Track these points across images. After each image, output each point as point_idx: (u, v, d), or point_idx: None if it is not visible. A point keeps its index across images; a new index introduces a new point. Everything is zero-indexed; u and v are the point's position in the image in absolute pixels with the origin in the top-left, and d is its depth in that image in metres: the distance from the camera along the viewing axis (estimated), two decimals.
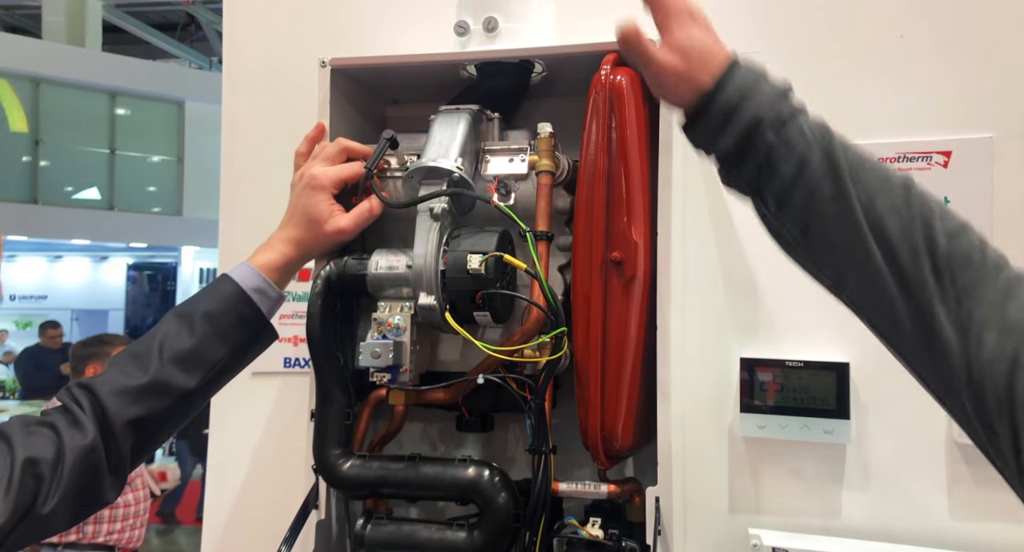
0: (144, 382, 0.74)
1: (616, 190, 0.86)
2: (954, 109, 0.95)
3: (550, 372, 0.85)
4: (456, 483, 0.85)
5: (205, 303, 0.82)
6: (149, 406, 0.74)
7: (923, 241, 0.56)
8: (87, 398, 0.72)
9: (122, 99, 8.96)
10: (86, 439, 0.69)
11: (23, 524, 0.64)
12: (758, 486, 0.98)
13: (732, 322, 1.01)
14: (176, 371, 0.76)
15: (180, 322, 0.79)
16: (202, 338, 0.79)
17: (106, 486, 0.72)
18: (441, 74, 0.98)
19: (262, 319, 0.84)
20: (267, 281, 0.85)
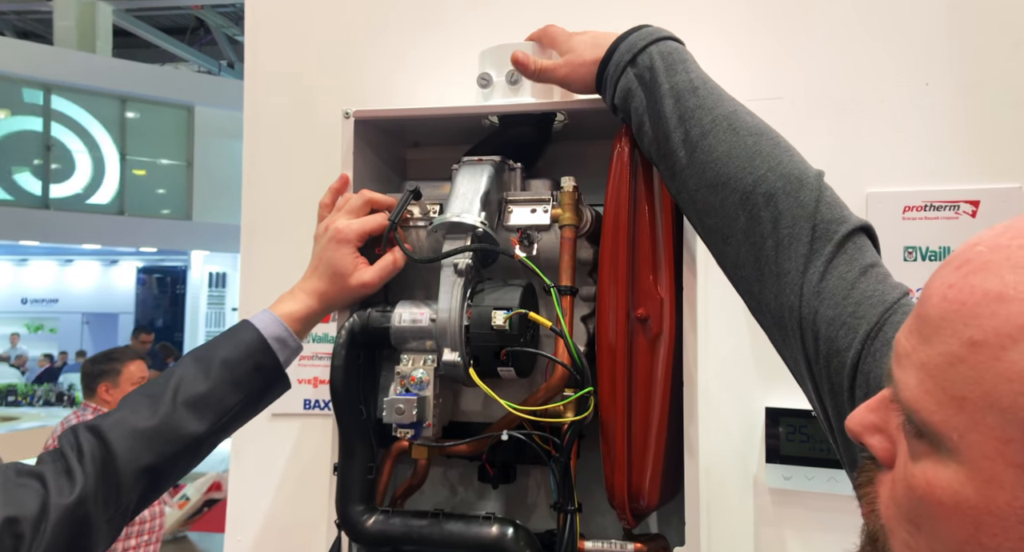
0: (154, 424, 0.74)
1: (641, 245, 0.85)
2: (981, 158, 0.93)
3: (575, 432, 0.84)
4: (479, 542, 0.84)
5: (224, 349, 0.82)
6: (160, 452, 0.74)
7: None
8: (91, 443, 0.71)
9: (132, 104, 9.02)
10: (73, 493, 0.68)
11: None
12: (784, 538, 0.97)
13: (756, 371, 1.00)
14: (188, 415, 0.76)
15: (197, 366, 0.80)
16: (217, 383, 0.79)
17: (97, 540, 0.71)
18: (464, 122, 0.97)
19: (279, 369, 0.85)
20: (288, 330, 0.85)
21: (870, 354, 0.53)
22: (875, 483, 0.42)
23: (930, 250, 0.94)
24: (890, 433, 0.40)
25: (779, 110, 1.01)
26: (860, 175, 0.97)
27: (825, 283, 0.57)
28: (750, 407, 0.99)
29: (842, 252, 0.58)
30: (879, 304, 0.54)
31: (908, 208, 0.95)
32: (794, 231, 0.59)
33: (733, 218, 0.64)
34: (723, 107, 0.70)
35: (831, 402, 0.56)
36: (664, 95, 0.72)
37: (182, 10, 10.04)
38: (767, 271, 0.61)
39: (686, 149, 0.69)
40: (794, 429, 0.95)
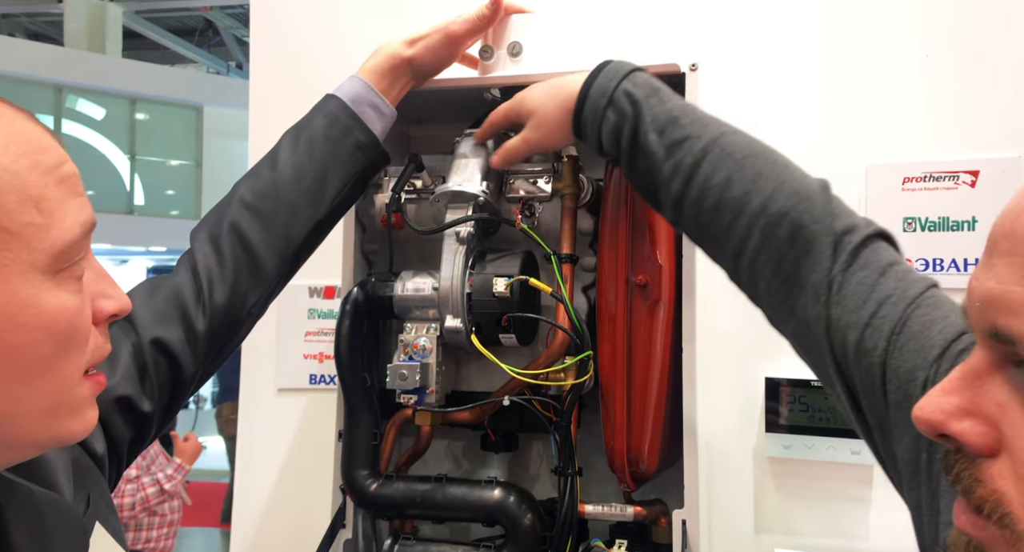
0: (283, 214, 0.75)
1: (640, 212, 0.86)
2: (981, 128, 0.94)
3: (576, 395, 0.85)
4: (482, 505, 0.85)
5: (320, 128, 0.79)
6: (289, 240, 0.75)
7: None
8: (233, 244, 0.72)
9: (142, 104, 9.09)
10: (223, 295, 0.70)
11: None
12: (784, 507, 0.98)
13: (757, 341, 1.01)
14: (306, 202, 0.76)
15: (299, 148, 0.77)
16: (322, 167, 0.77)
17: (243, 333, 0.75)
18: (465, 96, 0.99)
19: (377, 145, 0.81)
20: (379, 96, 0.81)
21: (896, 349, 0.52)
22: (981, 480, 0.34)
23: (929, 221, 0.95)
24: (987, 413, 0.34)
25: (780, 84, 1.02)
26: (860, 147, 0.98)
27: (845, 291, 0.56)
28: (750, 377, 0.99)
29: (858, 259, 0.57)
30: (901, 301, 0.54)
31: (907, 179, 0.96)
32: (812, 245, 0.58)
33: (744, 237, 0.63)
34: (710, 132, 0.68)
35: (867, 402, 0.55)
36: (647, 129, 0.69)
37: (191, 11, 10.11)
38: (789, 283, 0.60)
39: (681, 179, 0.67)
40: (794, 398, 0.96)
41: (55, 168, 0.44)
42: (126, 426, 0.62)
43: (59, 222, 0.43)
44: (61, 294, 0.43)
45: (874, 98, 0.98)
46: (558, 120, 0.76)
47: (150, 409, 0.64)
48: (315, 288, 1.18)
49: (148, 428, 0.65)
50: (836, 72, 1.00)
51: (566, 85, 0.76)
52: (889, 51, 0.98)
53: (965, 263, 0.93)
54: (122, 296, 0.47)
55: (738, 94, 1.03)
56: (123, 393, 0.62)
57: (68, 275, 0.43)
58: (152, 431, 0.66)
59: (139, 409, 0.63)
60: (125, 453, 0.64)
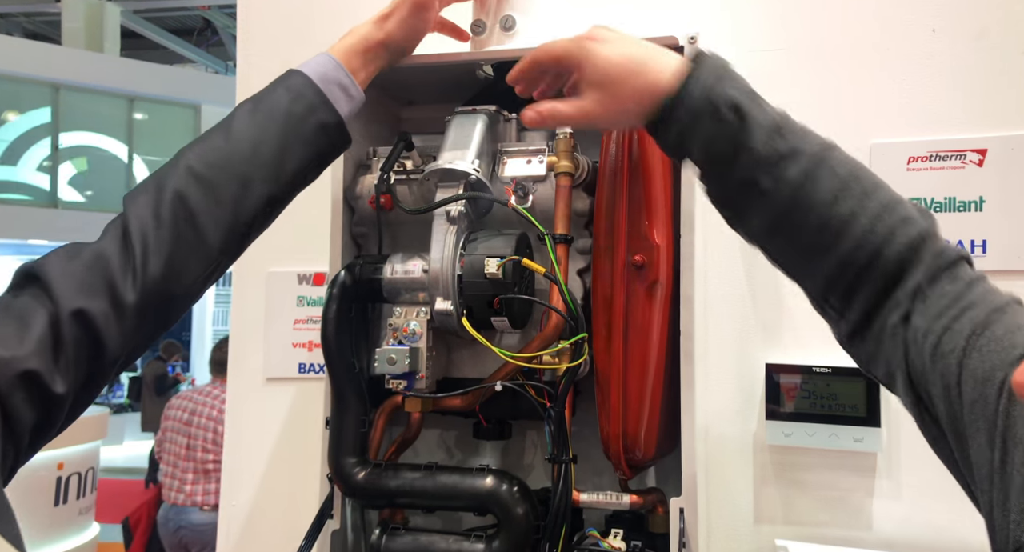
0: (234, 190, 0.68)
1: (637, 191, 0.83)
2: (989, 106, 0.91)
3: (570, 379, 0.82)
4: (474, 493, 0.83)
5: (283, 103, 0.72)
6: (237, 213, 0.68)
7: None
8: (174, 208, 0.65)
9: (140, 103, 9.07)
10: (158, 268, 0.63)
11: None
12: (785, 496, 0.95)
13: (757, 327, 0.98)
14: (261, 175, 0.70)
15: (257, 122, 0.71)
16: (282, 144, 0.71)
17: (181, 307, 0.67)
18: (457, 74, 0.96)
19: (342, 128, 0.76)
20: (350, 77, 0.77)
21: (975, 349, 0.50)
22: None
23: (935, 201, 0.92)
24: None
25: (781, 60, 0.99)
26: (864, 126, 0.95)
27: (929, 300, 0.54)
28: (750, 364, 0.97)
29: (946, 273, 0.56)
30: (985, 307, 0.52)
31: (913, 159, 0.93)
32: (908, 265, 0.56)
33: (847, 259, 0.58)
34: (813, 146, 0.61)
35: (943, 407, 0.52)
36: (751, 141, 0.60)
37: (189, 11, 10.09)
38: (878, 298, 0.57)
39: (785, 195, 0.60)
40: (795, 385, 0.93)
41: None
42: (30, 407, 0.54)
43: None
44: None
45: (879, 75, 0.95)
46: (633, 104, 0.63)
47: (63, 390, 0.56)
48: (304, 275, 1.15)
49: (58, 412, 0.57)
50: (840, 48, 0.97)
51: (653, 65, 0.63)
52: (895, 26, 0.95)
53: (972, 244, 0.90)
54: None
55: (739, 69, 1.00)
56: (31, 367, 0.53)
57: None
58: (62, 417, 0.58)
59: (49, 388, 0.55)
60: (26, 440, 0.55)
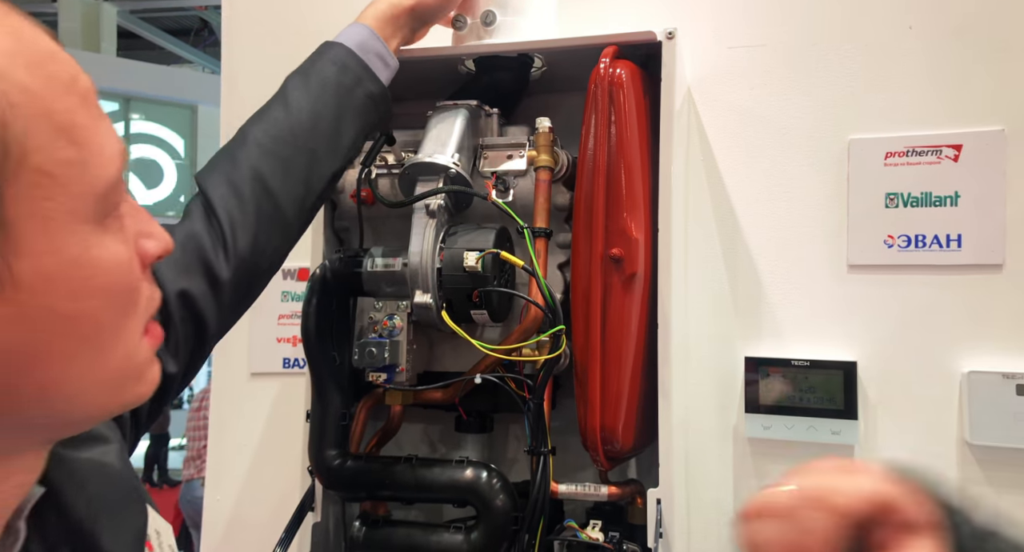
0: (304, 160, 0.69)
1: (616, 185, 0.84)
2: (965, 101, 0.92)
3: (548, 371, 0.83)
4: (453, 485, 0.83)
5: (332, 74, 0.73)
6: (310, 188, 0.70)
7: None
8: (256, 192, 0.67)
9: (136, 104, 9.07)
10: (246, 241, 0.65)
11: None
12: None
13: (737, 321, 0.99)
14: (325, 150, 0.71)
15: (311, 96, 0.72)
16: (337, 115, 0.72)
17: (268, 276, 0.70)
18: (440, 71, 0.97)
19: (386, 96, 0.77)
20: (385, 46, 0.78)
21: None
22: None
23: (912, 196, 0.93)
24: None
25: (760, 57, 1.00)
26: (842, 121, 0.96)
27: None
28: (730, 356, 0.97)
29: None
30: None
31: (890, 154, 0.94)
32: None
33: None
34: None
35: None
36: None
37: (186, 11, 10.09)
38: None
39: None
40: (773, 378, 0.94)
41: (73, 82, 0.34)
42: None
43: (96, 155, 0.34)
44: (111, 245, 0.35)
45: (857, 71, 0.96)
46: None
47: (174, 370, 0.58)
48: (288, 270, 1.15)
49: (169, 390, 0.59)
50: (819, 44, 0.98)
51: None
52: (873, 23, 0.96)
53: (948, 239, 0.91)
54: (163, 233, 0.40)
55: (717, 66, 1.01)
56: None
57: (113, 220, 0.36)
58: (173, 393, 0.60)
59: (163, 370, 0.56)
60: (144, 416, 0.57)
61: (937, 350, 0.91)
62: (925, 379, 0.91)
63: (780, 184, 0.99)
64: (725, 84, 1.01)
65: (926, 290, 0.92)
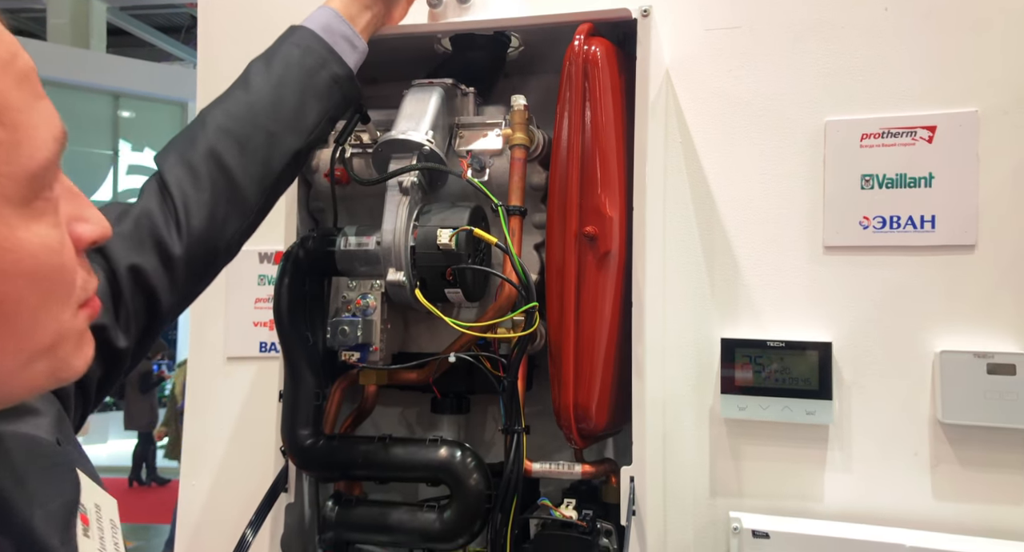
0: (262, 139, 0.69)
1: (591, 163, 0.84)
2: (939, 83, 0.92)
3: (522, 349, 0.83)
4: (427, 464, 0.83)
5: (295, 57, 0.73)
6: (270, 168, 0.70)
7: None
8: (211, 170, 0.66)
9: (125, 101, 9.00)
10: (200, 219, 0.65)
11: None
12: (739, 468, 0.96)
13: (713, 302, 0.99)
14: (287, 132, 0.71)
15: (273, 79, 0.71)
16: (301, 98, 0.72)
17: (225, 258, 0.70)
18: (417, 51, 0.96)
19: (352, 79, 0.77)
20: (352, 29, 0.77)
21: None
22: None
23: (887, 177, 0.93)
24: None
25: (738, 38, 1.00)
26: (819, 103, 0.96)
27: None
28: (706, 338, 0.97)
29: None
30: None
31: (866, 136, 0.94)
32: None
33: None
34: None
35: None
36: None
37: (176, 8, 10.02)
38: None
39: None
40: (749, 359, 0.94)
41: (10, 62, 0.34)
42: (97, 362, 0.55)
43: (28, 137, 0.34)
44: (40, 228, 0.35)
45: (833, 53, 0.96)
46: None
47: (125, 344, 0.58)
48: (265, 253, 1.15)
49: (120, 365, 0.59)
50: (795, 26, 0.98)
51: None
52: (849, 5, 0.96)
53: (922, 220, 0.92)
54: (100, 218, 0.40)
55: (695, 47, 1.01)
56: (96, 323, 0.53)
57: (44, 203, 0.35)
58: (123, 370, 0.60)
59: (113, 343, 0.57)
60: (94, 392, 0.57)
61: (911, 330, 0.91)
62: (899, 359, 0.91)
63: (757, 165, 0.99)
64: (703, 65, 1.01)
65: (900, 271, 0.92)
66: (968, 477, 0.88)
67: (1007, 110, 0.90)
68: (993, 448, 0.87)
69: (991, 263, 0.89)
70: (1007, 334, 0.88)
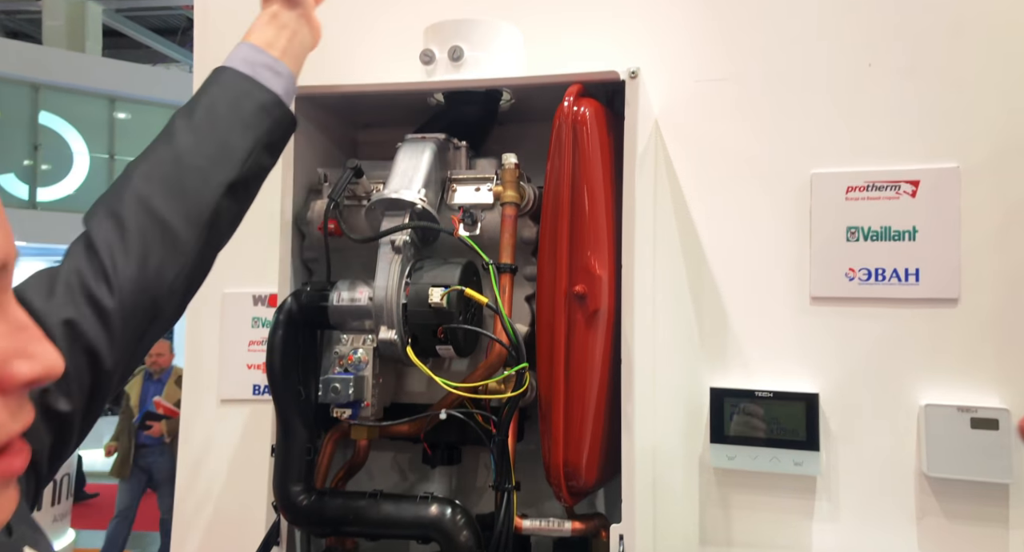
0: (192, 182, 0.67)
1: (579, 222, 0.85)
2: (922, 138, 0.94)
3: (512, 408, 0.84)
4: (418, 521, 0.84)
5: (215, 96, 0.72)
6: (202, 205, 0.67)
7: None
8: (139, 217, 0.64)
9: (121, 104, 8.98)
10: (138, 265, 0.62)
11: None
12: (729, 518, 0.97)
13: (703, 352, 1.00)
14: (213, 167, 0.69)
15: (194, 122, 0.70)
16: (225, 132, 0.71)
17: (168, 308, 0.66)
18: (410, 100, 0.97)
19: (280, 103, 0.74)
20: (271, 56, 0.76)
21: None
22: None
23: (872, 230, 0.95)
24: None
25: (726, 91, 1.01)
26: (805, 156, 0.97)
27: None
28: (696, 387, 0.98)
29: None
30: None
31: (851, 188, 0.95)
32: None
33: None
34: None
35: None
36: None
37: (173, 10, 10.00)
38: None
39: None
40: (737, 409, 0.95)
41: None
42: (43, 431, 0.54)
43: None
44: None
45: (819, 106, 0.97)
46: None
47: (68, 408, 0.56)
48: (259, 296, 1.15)
49: (69, 431, 0.57)
50: (782, 80, 0.99)
51: None
52: (833, 60, 0.97)
53: (906, 273, 0.93)
54: (50, 355, 0.37)
55: (683, 98, 1.02)
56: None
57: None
58: (75, 434, 0.58)
59: (55, 409, 0.55)
60: (45, 464, 0.55)
61: (896, 382, 0.93)
62: (884, 411, 0.93)
63: (745, 215, 1.00)
64: (691, 116, 1.02)
65: (886, 323, 0.94)
66: (953, 530, 0.89)
67: (987, 166, 0.91)
68: (977, 502, 0.89)
69: (974, 317, 0.91)
70: (990, 388, 0.89)
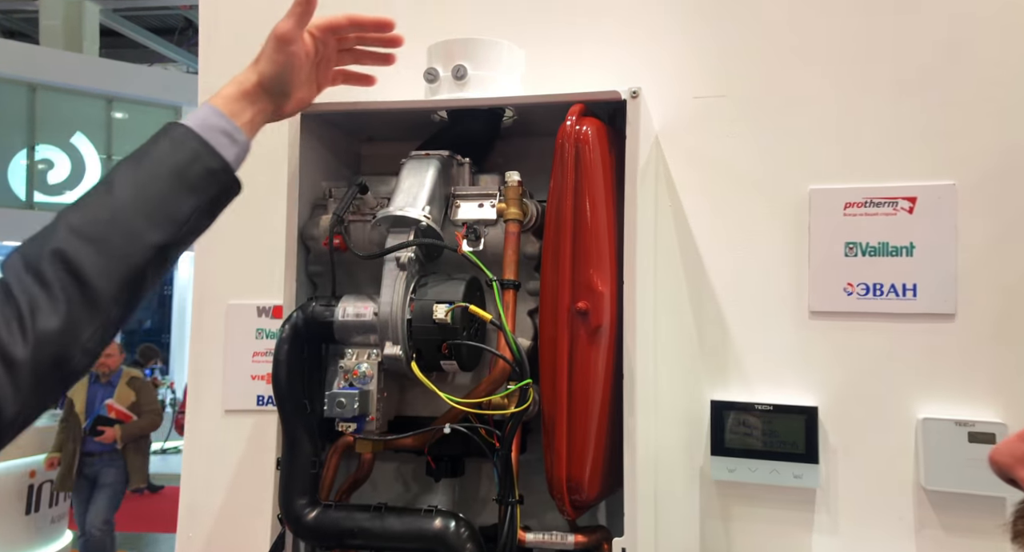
0: (118, 240, 0.65)
1: (582, 240, 0.86)
2: (919, 156, 0.95)
3: (516, 423, 0.85)
4: (422, 535, 0.85)
5: (164, 154, 0.71)
6: (129, 264, 0.65)
7: None
8: (59, 273, 0.62)
9: (119, 104, 8.97)
10: (51, 324, 0.60)
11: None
12: (729, 529, 0.98)
13: (703, 365, 1.01)
14: (146, 225, 0.67)
15: (139, 175, 0.69)
16: (168, 192, 0.69)
17: (76, 367, 0.64)
18: (414, 117, 0.98)
19: (229, 172, 0.74)
20: (231, 123, 0.75)
21: None
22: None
23: (870, 246, 0.96)
24: None
25: (723, 107, 1.02)
26: (803, 172, 0.99)
27: None
28: (697, 400, 1.00)
29: None
30: None
31: (849, 204, 0.97)
32: None
33: None
34: None
35: None
36: None
37: (170, 10, 9.99)
38: None
39: None
40: (738, 422, 0.96)
41: None
42: None
43: None
44: None
45: (816, 123, 0.99)
46: None
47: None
48: (263, 307, 1.16)
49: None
50: (779, 97, 1.00)
51: None
52: (831, 77, 0.98)
53: (904, 288, 0.94)
54: None
55: (683, 114, 1.03)
56: None
57: None
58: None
59: None
60: None
61: (894, 396, 0.94)
62: (883, 425, 0.94)
63: (744, 232, 1.01)
64: (692, 132, 1.03)
65: (884, 337, 0.95)
66: (951, 543, 0.91)
67: (983, 184, 0.92)
68: (975, 515, 0.90)
69: (970, 332, 0.92)
70: (986, 402, 0.91)
